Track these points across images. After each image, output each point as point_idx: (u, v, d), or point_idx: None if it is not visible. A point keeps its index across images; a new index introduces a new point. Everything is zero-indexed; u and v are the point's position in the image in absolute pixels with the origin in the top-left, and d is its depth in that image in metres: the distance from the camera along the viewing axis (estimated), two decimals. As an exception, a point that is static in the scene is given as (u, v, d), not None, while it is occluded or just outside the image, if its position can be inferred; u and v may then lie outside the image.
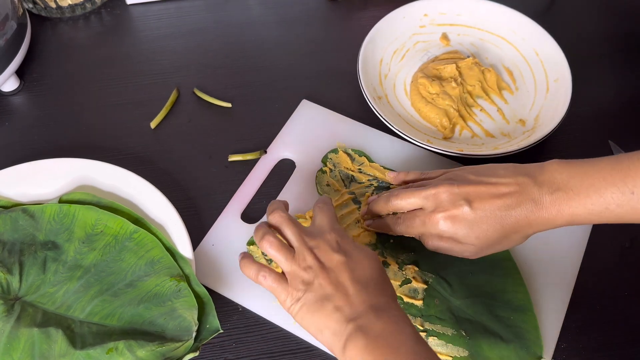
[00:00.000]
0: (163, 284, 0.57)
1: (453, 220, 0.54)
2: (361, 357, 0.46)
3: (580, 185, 0.51)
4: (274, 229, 0.55)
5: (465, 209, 0.53)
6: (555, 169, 0.52)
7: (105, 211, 0.61)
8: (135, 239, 0.59)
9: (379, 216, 0.61)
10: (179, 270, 0.58)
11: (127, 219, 0.60)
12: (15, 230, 0.60)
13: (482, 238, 0.54)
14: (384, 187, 0.66)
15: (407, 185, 0.61)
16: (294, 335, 0.59)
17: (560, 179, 0.52)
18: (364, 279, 0.50)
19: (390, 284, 0.52)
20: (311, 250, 0.51)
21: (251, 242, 0.63)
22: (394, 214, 0.59)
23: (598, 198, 0.50)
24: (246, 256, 0.55)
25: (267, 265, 0.54)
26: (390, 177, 0.64)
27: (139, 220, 0.61)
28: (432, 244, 0.56)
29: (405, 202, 0.57)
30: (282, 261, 0.52)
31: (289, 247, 0.53)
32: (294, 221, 0.54)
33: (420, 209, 0.56)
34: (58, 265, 0.58)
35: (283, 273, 0.53)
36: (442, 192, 0.55)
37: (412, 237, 0.59)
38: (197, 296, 0.57)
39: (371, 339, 0.46)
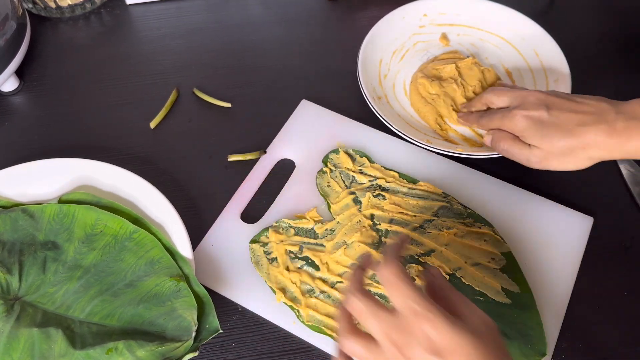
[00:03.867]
0: (163, 284, 0.57)
1: (528, 120, 0.59)
2: None
3: None
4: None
5: (543, 113, 0.58)
6: (637, 103, 0.56)
7: (105, 211, 0.61)
8: (135, 239, 0.59)
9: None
10: (178, 270, 0.58)
11: (126, 219, 0.60)
12: (15, 230, 0.60)
13: (547, 142, 0.58)
14: (384, 189, 0.66)
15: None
16: (294, 335, 0.59)
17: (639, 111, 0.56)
18: None
19: None
20: (400, 349, 0.41)
21: (254, 241, 0.63)
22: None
23: None
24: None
25: None
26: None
27: (138, 220, 0.61)
28: (503, 144, 0.61)
29: (497, 97, 0.64)
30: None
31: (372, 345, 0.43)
32: (376, 307, 0.43)
33: (507, 107, 0.62)
34: (58, 265, 0.58)
35: None
36: (530, 95, 0.61)
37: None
38: (197, 296, 0.57)
39: None
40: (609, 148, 0.56)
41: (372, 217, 0.64)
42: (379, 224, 0.64)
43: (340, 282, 0.60)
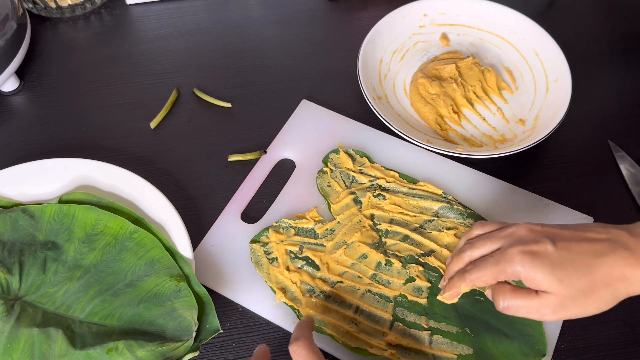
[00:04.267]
0: (163, 284, 0.57)
1: (532, 257, 0.45)
2: None
3: None
4: None
5: (548, 247, 0.46)
6: None
7: (105, 211, 0.61)
8: (135, 239, 0.59)
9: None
10: (178, 270, 0.58)
11: (127, 219, 0.60)
12: (15, 230, 0.60)
13: (566, 284, 0.45)
14: (385, 189, 0.66)
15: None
16: (294, 335, 0.59)
17: None
18: None
19: None
20: None
21: (254, 241, 0.63)
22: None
23: None
24: None
25: None
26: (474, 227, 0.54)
27: (138, 220, 0.61)
28: (504, 303, 0.48)
29: (478, 249, 0.50)
30: None
31: None
32: None
33: (497, 249, 0.49)
34: (58, 265, 0.58)
35: None
36: (522, 229, 0.48)
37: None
38: (197, 296, 0.57)
39: None
40: (638, 279, 0.44)
41: (372, 217, 0.64)
42: (379, 224, 0.64)
43: (341, 282, 0.60)
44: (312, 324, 0.52)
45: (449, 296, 0.52)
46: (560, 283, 0.45)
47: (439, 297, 0.53)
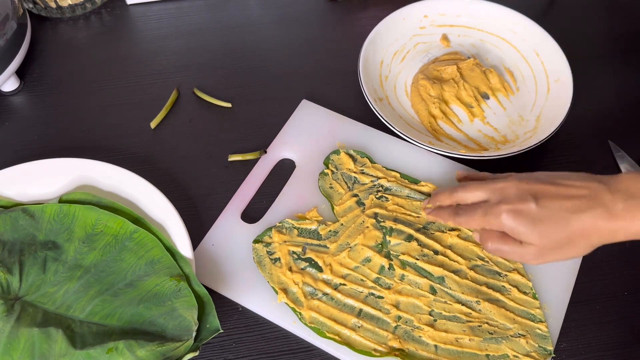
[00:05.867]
0: (163, 284, 0.57)
1: (516, 215, 0.52)
2: None
3: None
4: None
5: (531, 205, 0.51)
6: (631, 178, 0.50)
7: (105, 211, 0.61)
8: (135, 238, 0.59)
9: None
10: (178, 270, 0.58)
11: (127, 218, 0.60)
12: (15, 230, 0.60)
13: (544, 237, 0.51)
14: (387, 188, 0.66)
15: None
16: (294, 335, 0.59)
17: (636, 187, 0.49)
18: None
19: None
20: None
21: (257, 241, 0.63)
22: (457, 205, 0.58)
23: None
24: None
25: None
26: (457, 174, 0.63)
27: (139, 220, 0.61)
28: (492, 246, 0.54)
29: (471, 194, 0.56)
30: None
31: None
32: None
33: (485, 201, 0.55)
34: (58, 265, 0.58)
35: None
36: (510, 187, 0.53)
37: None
38: (197, 296, 0.57)
39: None
40: (611, 233, 0.50)
41: (375, 215, 0.64)
42: (383, 222, 0.63)
43: (344, 284, 0.60)
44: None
45: (430, 218, 0.61)
46: (539, 236, 0.51)
47: (421, 212, 0.61)
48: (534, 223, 0.51)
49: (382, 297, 0.59)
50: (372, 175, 0.67)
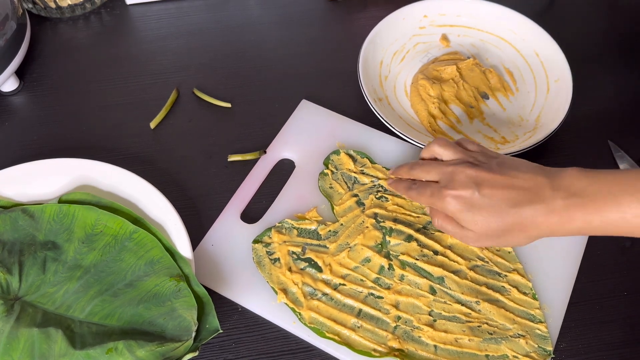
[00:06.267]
0: (163, 284, 0.57)
1: (458, 201, 0.54)
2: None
3: (598, 192, 0.49)
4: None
5: (474, 193, 0.53)
6: (575, 176, 0.51)
7: (105, 211, 0.61)
8: (135, 239, 0.59)
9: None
10: (178, 270, 0.58)
11: (126, 219, 0.60)
12: (15, 230, 0.60)
13: (481, 226, 0.53)
14: (387, 189, 0.66)
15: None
16: (294, 335, 0.59)
17: (579, 186, 0.50)
18: None
19: None
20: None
21: (256, 241, 0.63)
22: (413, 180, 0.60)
23: (615, 206, 0.48)
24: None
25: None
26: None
27: (138, 220, 0.61)
28: (437, 222, 0.57)
29: (425, 173, 0.58)
30: None
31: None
32: None
33: (437, 182, 0.57)
34: (58, 265, 0.58)
35: None
36: (459, 172, 0.55)
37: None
38: (197, 296, 0.57)
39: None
40: (549, 228, 0.51)
41: (375, 215, 0.64)
42: (383, 222, 0.63)
43: (343, 284, 0.60)
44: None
45: (389, 187, 0.64)
46: (477, 224, 0.53)
47: (387, 182, 0.65)
48: (472, 210, 0.53)
49: (382, 297, 0.59)
50: (372, 176, 0.67)
